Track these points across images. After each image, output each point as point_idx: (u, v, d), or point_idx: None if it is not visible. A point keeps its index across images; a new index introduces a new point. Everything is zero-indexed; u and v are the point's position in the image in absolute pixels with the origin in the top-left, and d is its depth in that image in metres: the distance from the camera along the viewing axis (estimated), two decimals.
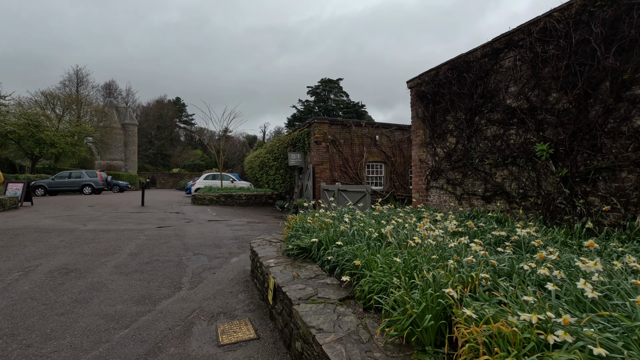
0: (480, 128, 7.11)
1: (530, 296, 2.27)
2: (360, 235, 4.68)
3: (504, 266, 2.92)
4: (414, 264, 3.23)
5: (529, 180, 6.11)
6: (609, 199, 4.93)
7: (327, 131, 16.17)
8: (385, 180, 17.23)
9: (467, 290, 2.54)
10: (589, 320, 2.05)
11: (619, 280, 2.61)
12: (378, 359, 2.34)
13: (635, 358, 1.65)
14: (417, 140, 9.03)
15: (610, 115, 4.93)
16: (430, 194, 8.58)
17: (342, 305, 3.29)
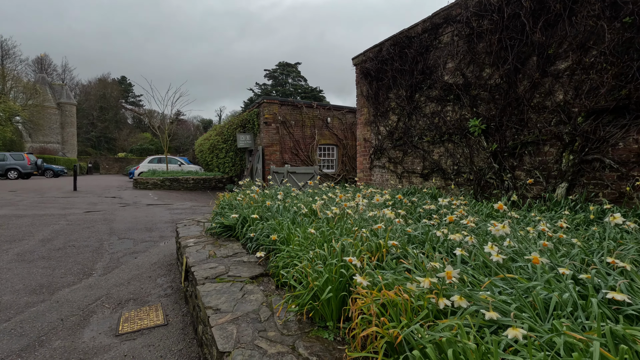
0: (420, 105, 7.06)
1: (436, 262, 2.10)
2: (287, 210, 4.39)
3: (418, 233, 2.77)
4: (330, 236, 2.99)
5: (462, 156, 6.17)
6: (533, 173, 5.06)
7: (278, 112, 15.64)
8: (337, 163, 17.13)
9: (375, 259, 2.34)
10: (490, 284, 1.92)
11: (528, 244, 2.55)
12: (271, 339, 2.07)
13: (527, 321, 1.51)
14: (361, 119, 8.88)
15: (536, 90, 5.00)
16: (374, 173, 8.51)
17: (253, 283, 2.99)
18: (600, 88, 4.26)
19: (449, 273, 1.43)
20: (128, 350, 3.01)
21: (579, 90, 4.49)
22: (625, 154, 4.12)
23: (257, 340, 2.05)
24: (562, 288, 1.73)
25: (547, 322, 1.53)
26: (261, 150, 15.64)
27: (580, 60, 4.47)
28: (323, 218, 3.96)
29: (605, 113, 4.22)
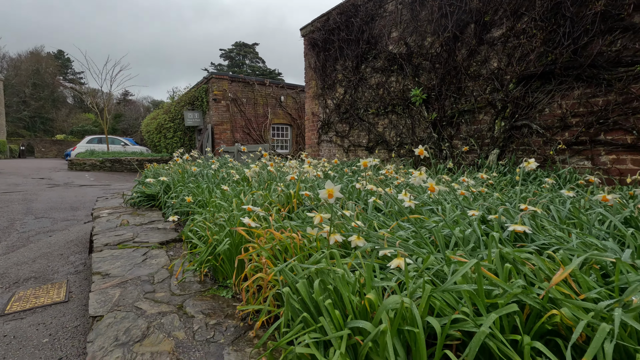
0: (365, 76, 6.92)
1: (348, 210, 1.92)
2: (214, 177, 4.06)
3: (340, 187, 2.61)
4: (244, 191, 2.74)
5: (405, 127, 6.15)
6: (468, 141, 5.12)
7: (228, 89, 14.88)
8: (291, 144, 16.80)
9: (285, 210, 2.13)
10: (398, 226, 1.78)
11: (447, 196, 2.48)
12: (158, 300, 1.79)
13: (422, 255, 1.37)
14: (310, 93, 8.61)
15: (473, 58, 5.02)
16: (322, 148, 8.34)
17: (161, 249, 2.68)
18: (530, 54, 4.33)
19: (330, 191, 1.24)
20: (10, 330, 2.59)
21: (512, 57, 4.55)
22: (550, 119, 4.25)
23: (140, 302, 1.77)
24: (466, 226, 1.63)
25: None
26: (210, 128, 14.88)
27: (513, 27, 4.51)
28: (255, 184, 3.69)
29: (534, 79, 4.31)
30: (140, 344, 1.39)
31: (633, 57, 3.54)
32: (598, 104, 3.85)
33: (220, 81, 14.81)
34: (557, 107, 4.18)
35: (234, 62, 57.25)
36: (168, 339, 1.43)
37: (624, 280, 1.04)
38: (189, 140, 17.68)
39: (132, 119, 54.92)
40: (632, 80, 3.57)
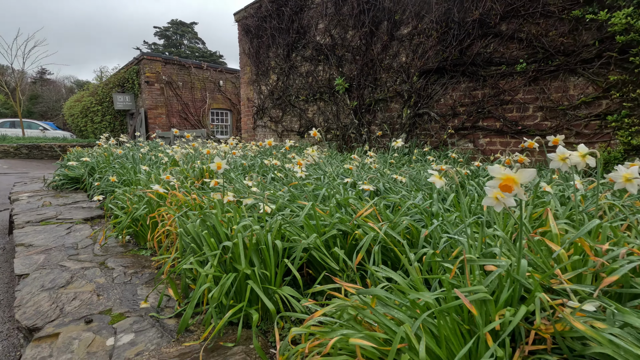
0: (296, 65, 7.30)
1: (251, 180, 2.33)
2: (142, 160, 4.22)
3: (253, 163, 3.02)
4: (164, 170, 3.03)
5: (331, 114, 6.69)
6: (382, 126, 5.80)
7: (161, 71, 14.28)
8: (231, 129, 16.68)
9: (199, 182, 2.49)
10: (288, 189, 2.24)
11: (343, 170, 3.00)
12: (81, 259, 2.07)
13: (293, 208, 1.84)
14: (245, 78, 8.77)
15: (386, 52, 5.65)
16: (257, 133, 8.61)
17: (85, 224, 2.88)
18: (429, 51, 5.05)
19: (218, 164, 1.64)
20: None
21: (415, 52, 5.24)
22: (444, 108, 5.03)
23: (64, 262, 2.03)
24: (338, 188, 2.14)
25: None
26: (144, 113, 14.23)
27: (417, 26, 5.19)
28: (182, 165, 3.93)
29: (432, 73, 5.05)
30: (64, 288, 1.69)
31: (501, 58, 4.38)
32: (478, 96, 4.68)
33: (153, 62, 14.15)
34: (449, 98, 4.97)
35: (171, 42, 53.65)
36: (90, 283, 1.75)
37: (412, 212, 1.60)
38: (120, 125, 16.68)
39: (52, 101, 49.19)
40: (500, 77, 4.42)
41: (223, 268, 1.41)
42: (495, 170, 0.85)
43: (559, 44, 3.88)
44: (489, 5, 4.36)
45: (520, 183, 0.83)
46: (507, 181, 0.83)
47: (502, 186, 0.84)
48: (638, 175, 1.02)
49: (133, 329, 1.36)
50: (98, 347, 1.25)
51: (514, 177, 0.82)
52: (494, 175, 0.85)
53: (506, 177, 0.83)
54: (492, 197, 0.93)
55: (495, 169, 0.86)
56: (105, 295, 1.64)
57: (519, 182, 0.82)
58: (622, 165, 1.10)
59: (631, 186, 1.05)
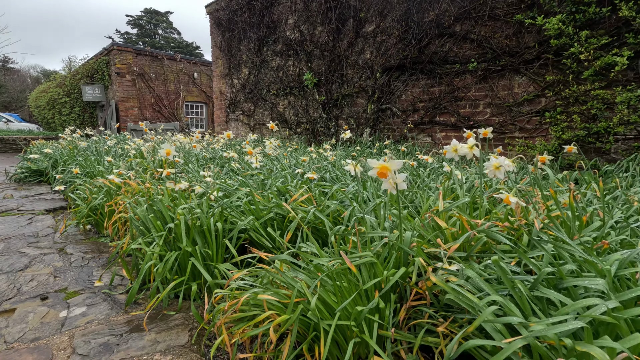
0: (267, 59, 7.40)
1: (206, 171, 2.48)
2: (107, 152, 4.26)
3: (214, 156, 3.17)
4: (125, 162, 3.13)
5: (301, 108, 6.85)
6: (349, 120, 6.02)
7: (133, 62, 13.95)
8: (206, 122, 16.52)
9: (158, 173, 2.62)
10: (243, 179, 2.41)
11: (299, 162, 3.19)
12: (41, 247, 2.17)
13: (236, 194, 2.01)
14: (217, 72, 8.77)
15: (352, 49, 5.85)
16: (230, 126, 8.67)
17: (48, 214, 2.94)
18: (391, 49, 5.28)
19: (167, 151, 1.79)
20: None
21: (379, 50, 5.47)
22: (405, 104, 5.30)
23: (23, 249, 2.13)
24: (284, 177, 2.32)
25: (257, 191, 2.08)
26: (114, 105, 13.90)
27: (380, 25, 5.41)
28: (147, 157, 4.01)
29: (394, 70, 5.29)
30: (22, 272, 1.81)
31: (455, 57, 4.66)
32: (435, 92, 4.96)
33: (124, 53, 13.80)
34: (409, 94, 5.24)
35: (145, 32, 51.82)
36: (48, 267, 1.87)
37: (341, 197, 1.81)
38: (89, 117, 16.19)
39: (16, 92, 46.68)
40: (454, 75, 4.71)
41: (169, 247, 1.57)
42: (373, 162, 1.06)
43: (504, 45, 4.18)
44: (444, 7, 4.62)
45: (392, 170, 1.04)
46: (382, 169, 1.04)
47: (379, 173, 1.05)
48: (503, 163, 1.26)
49: (85, 303, 1.51)
50: (51, 318, 1.40)
51: (387, 165, 1.03)
52: (372, 166, 1.06)
53: (382, 166, 1.04)
54: (389, 183, 1.14)
55: (373, 161, 1.07)
56: (61, 277, 1.77)
57: (391, 169, 1.04)
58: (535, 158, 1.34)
59: (499, 173, 1.29)
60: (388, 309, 1.11)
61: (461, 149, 1.39)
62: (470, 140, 1.41)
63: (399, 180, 1.08)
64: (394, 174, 1.05)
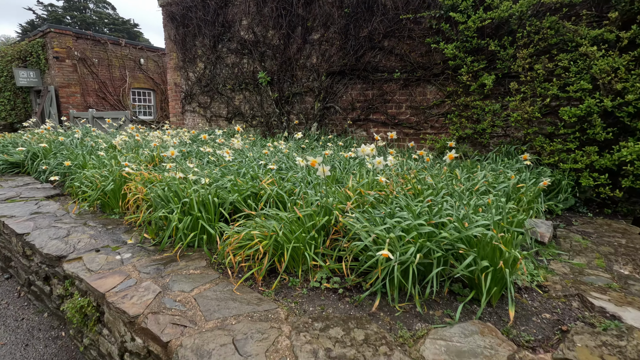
0: (222, 55, 7.98)
1: (192, 163, 3.28)
2: (85, 145, 4.76)
3: (190, 150, 3.94)
4: (116, 156, 3.79)
5: (256, 103, 7.61)
6: (299, 116, 6.94)
7: (73, 46, 13.40)
8: (155, 110, 16.35)
9: (151, 165, 3.36)
10: (219, 170, 3.25)
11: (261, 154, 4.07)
12: (67, 222, 2.86)
13: (220, 179, 2.88)
14: (171, 64, 9.11)
15: (301, 53, 6.72)
16: (186, 117, 9.12)
17: (49, 200, 3.53)
18: (334, 56, 6.26)
19: (172, 152, 2.60)
20: None
21: (324, 56, 6.41)
22: (346, 103, 6.34)
23: (54, 224, 2.81)
24: (252, 167, 3.22)
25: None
26: (54, 91, 13.32)
27: (324, 34, 6.33)
28: (122, 150, 4.60)
29: (336, 74, 6.29)
30: (67, 237, 2.53)
31: (384, 67, 5.76)
32: (369, 95, 6.05)
33: (62, 37, 13.20)
34: (349, 96, 6.28)
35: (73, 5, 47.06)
36: (84, 234, 2.61)
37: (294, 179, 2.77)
38: (22, 103, 15.21)
39: None
40: (384, 81, 5.82)
41: (183, 215, 2.41)
42: (309, 158, 2.03)
43: (419, 60, 5.36)
44: (375, 26, 5.67)
45: (318, 162, 2.02)
46: (313, 163, 2.01)
47: (312, 163, 2.02)
48: (369, 151, 2.29)
49: (129, 252, 2.32)
50: (112, 259, 2.20)
51: (316, 160, 2.01)
52: (305, 161, 2.03)
53: (313, 161, 2.01)
54: (321, 170, 2.12)
55: (310, 158, 2.03)
56: (99, 239, 2.53)
57: (317, 162, 2.01)
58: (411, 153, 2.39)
59: (369, 158, 2.33)
60: (320, 237, 2.11)
61: (366, 150, 2.42)
62: (371, 146, 2.44)
63: (326, 169, 2.07)
64: (322, 165, 2.03)
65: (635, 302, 1.87)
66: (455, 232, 1.84)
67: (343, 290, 1.94)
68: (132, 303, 1.74)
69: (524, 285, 2.05)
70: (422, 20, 5.16)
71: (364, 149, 2.33)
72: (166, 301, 1.76)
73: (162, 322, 1.61)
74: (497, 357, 1.43)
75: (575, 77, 3.76)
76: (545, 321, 1.76)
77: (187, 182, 2.61)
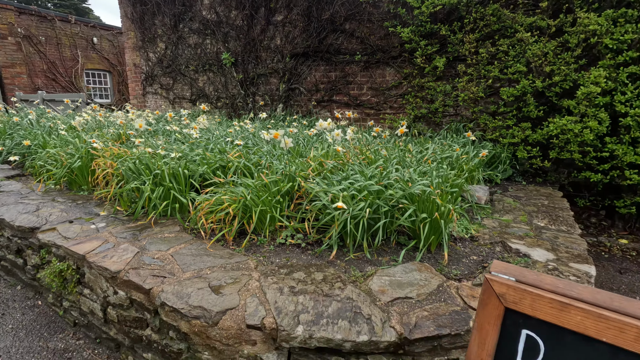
0: (184, 35, 7.82)
1: (159, 141, 3.37)
2: (42, 126, 4.63)
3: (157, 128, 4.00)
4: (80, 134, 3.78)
5: (220, 84, 7.59)
6: (265, 97, 7.04)
7: (15, 22, 12.39)
8: (112, 92, 15.59)
9: (118, 142, 3.42)
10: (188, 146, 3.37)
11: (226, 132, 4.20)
12: (33, 199, 2.89)
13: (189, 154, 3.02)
14: (129, 43, 8.77)
15: (265, 34, 6.77)
16: (147, 99, 8.89)
17: (10, 180, 3.49)
18: (297, 38, 6.38)
19: (140, 124, 2.70)
20: None
21: (288, 38, 6.51)
22: (310, 85, 6.52)
23: (21, 200, 2.84)
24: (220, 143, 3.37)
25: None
26: None
27: (288, 16, 6.42)
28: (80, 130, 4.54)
29: (300, 56, 6.43)
30: (37, 211, 2.60)
31: (346, 50, 5.98)
32: (332, 77, 6.27)
33: (3, 11, 12.16)
34: (313, 77, 6.46)
35: None
36: (55, 208, 2.68)
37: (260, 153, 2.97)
38: None
39: None
40: (346, 64, 6.06)
41: (155, 186, 2.55)
42: (272, 132, 2.25)
43: (379, 43, 5.63)
44: (337, 9, 5.85)
45: (280, 135, 2.24)
46: (275, 135, 2.23)
47: (274, 136, 2.24)
48: (326, 125, 2.55)
49: (103, 222, 2.44)
50: (87, 229, 2.32)
51: (277, 133, 2.23)
52: (270, 135, 2.25)
53: (275, 134, 2.23)
54: (284, 142, 2.34)
55: (272, 131, 2.25)
56: (71, 213, 2.61)
57: (280, 135, 2.23)
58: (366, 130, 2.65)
59: (327, 133, 2.59)
60: (285, 202, 2.36)
61: (324, 124, 2.66)
62: (328, 121, 2.68)
63: (288, 141, 2.29)
64: (284, 138, 2.26)
65: (543, 245, 2.29)
66: (401, 191, 2.15)
67: (306, 245, 2.21)
68: (112, 261, 1.90)
69: (459, 236, 2.43)
70: (381, 5, 5.41)
71: (322, 123, 2.58)
72: (145, 259, 1.94)
73: (142, 275, 1.79)
74: (429, 286, 1.77)
75: (513, 60, 4.20)
76: (472, 262, 2.13)
77: (156, 156, 2.74)
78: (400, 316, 1.54)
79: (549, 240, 2.40)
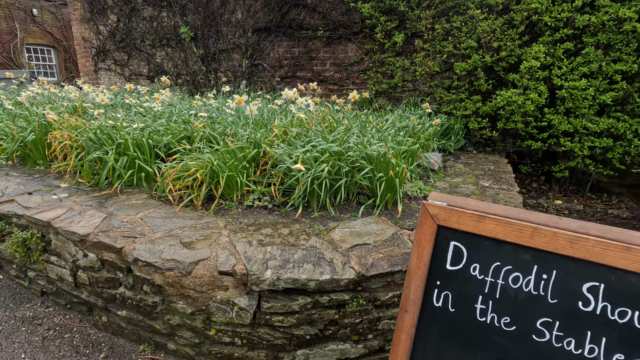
0: (137, 7, 7.40)
1: (119, 114, 3.29)
2: None
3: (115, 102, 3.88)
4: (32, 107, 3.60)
5: (180, 60, 7.33)
6: (227, 73, 6.92)
7: None
8: (59, 70, 14.45)
9: (75, 115, 3.30)
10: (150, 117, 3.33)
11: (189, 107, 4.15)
12: None
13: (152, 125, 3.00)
14: (76, 15, 8.15)
15: (225, 7, 6.58)
16: (100, 76, 8.39)
17: None
18: (259, 12, 6.27)
19: (102, 98, 2.65)
20: None
21: (249, 12, 6.38)
22: (273, 61, 6.49)
23: None
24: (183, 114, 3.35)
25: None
26: None
27: None
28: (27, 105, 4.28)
29: (262, 31, 6.35)
30: None
31: (308, 25, 5.99)
32: (295, 53, 6.27)
33: None
34: (276, 53, 6.42)
35: None
36: (10, 182, 2.59)
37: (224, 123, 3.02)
38: None
39: None
40: (309, 39, 6.07)
41: (119, 156, 2.54)
42: (235, 97, 2.31)
43: (341, 19, 5.69)
44: None
45: (244, 100, 2.31)
46: (239, 101, 2.30)
47: (238, 101, 2.31)
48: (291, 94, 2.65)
49: (65, 192, 2.41)
50: (48, 199, 2.29)
51: (241, 98, 2.30)
52: (235, 102, 2.31)
53: (239, 99, 2.30)
54: (249, 110, 2.41)
55: (236, 97, 2.31)
56: (29, 185, 2.54)
57: (242, 100, 2.30)
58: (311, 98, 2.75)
59: (293, 104, 2.69)
60: (251, 167, 2.45)
61: (288, 94, 2.75)
62: (294, 90, 2.77)
63: (253, 109, 2.37)
64: (249, 105, 2.33)
65: (486, 200, 2.58)
66: (359, 152, 2.32)
67: (272, 206, 2.34)
68: (80, 226, 1.93)
69: (414, 195, 2.66)
70: None
71: (287, 92, 2.67)
72: (114, 223, 1.98)
73: (113, 236, 1.84)
74: (384, 234, 1.97)
75: (465, 36, 4.45)
76: None
77: (118, 127, 2.71)
78: (359, 258, 1.72)
79: (491, 196, 2.69)
